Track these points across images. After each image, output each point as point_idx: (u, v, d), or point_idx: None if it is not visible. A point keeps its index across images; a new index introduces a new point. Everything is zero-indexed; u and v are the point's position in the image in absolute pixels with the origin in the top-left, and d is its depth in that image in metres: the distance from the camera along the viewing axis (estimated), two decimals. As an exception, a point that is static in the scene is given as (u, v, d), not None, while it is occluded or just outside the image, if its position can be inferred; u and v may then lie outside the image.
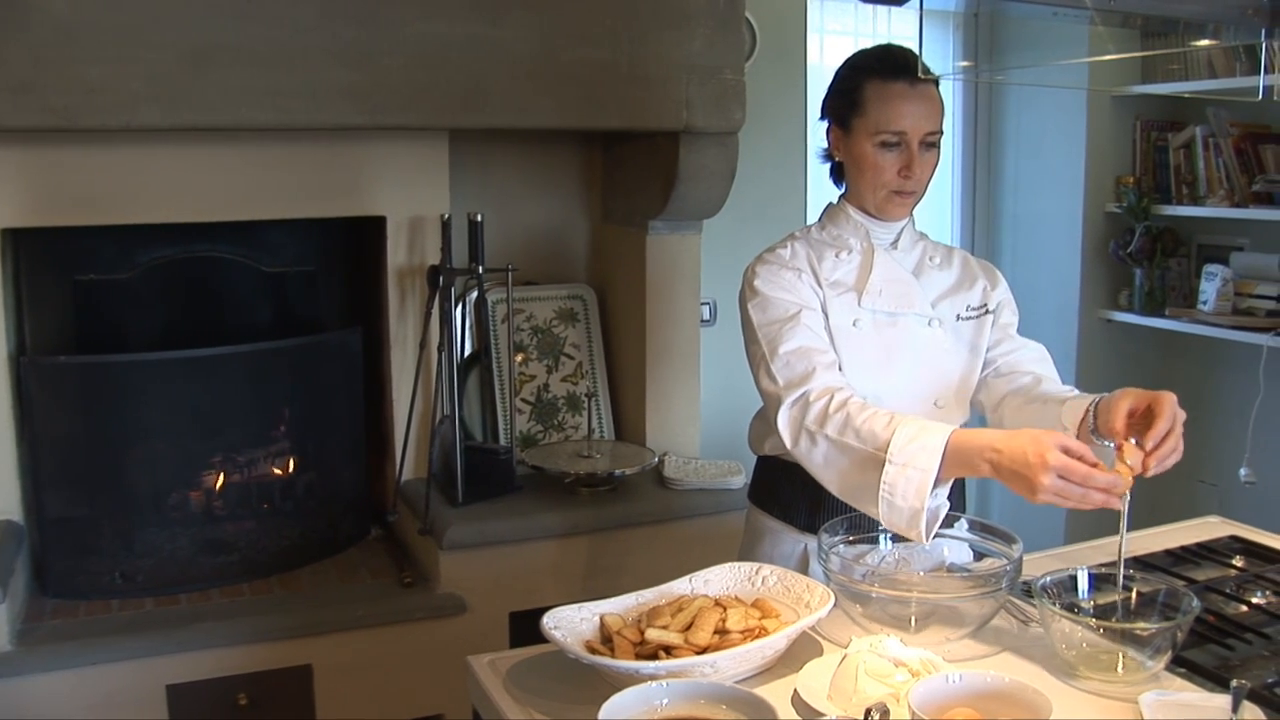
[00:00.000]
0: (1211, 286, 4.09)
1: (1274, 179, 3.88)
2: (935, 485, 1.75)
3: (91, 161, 2.84)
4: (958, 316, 2.14)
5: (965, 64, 4.53)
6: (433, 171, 3.27)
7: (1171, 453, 1.75)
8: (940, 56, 4.51)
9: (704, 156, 3.24)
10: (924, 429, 1.79)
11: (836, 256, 2.12)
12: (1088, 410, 1.91)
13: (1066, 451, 1.63)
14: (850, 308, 2.08)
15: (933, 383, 2.11)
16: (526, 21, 3.00)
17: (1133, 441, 1.75)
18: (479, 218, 3.15)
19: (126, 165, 2.88)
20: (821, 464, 1.90)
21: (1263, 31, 2.07)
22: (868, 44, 2.23)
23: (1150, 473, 1.74)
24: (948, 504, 1.81)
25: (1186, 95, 4.13)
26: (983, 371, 2.16)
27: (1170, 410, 1.76)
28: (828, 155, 2.19)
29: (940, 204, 4.71)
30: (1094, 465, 1.64)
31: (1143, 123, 4.38)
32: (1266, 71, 2.67)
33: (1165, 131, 4.33)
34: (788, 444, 1.94)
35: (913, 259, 2.17)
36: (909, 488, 1.75)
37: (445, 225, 3.17)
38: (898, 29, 4.33)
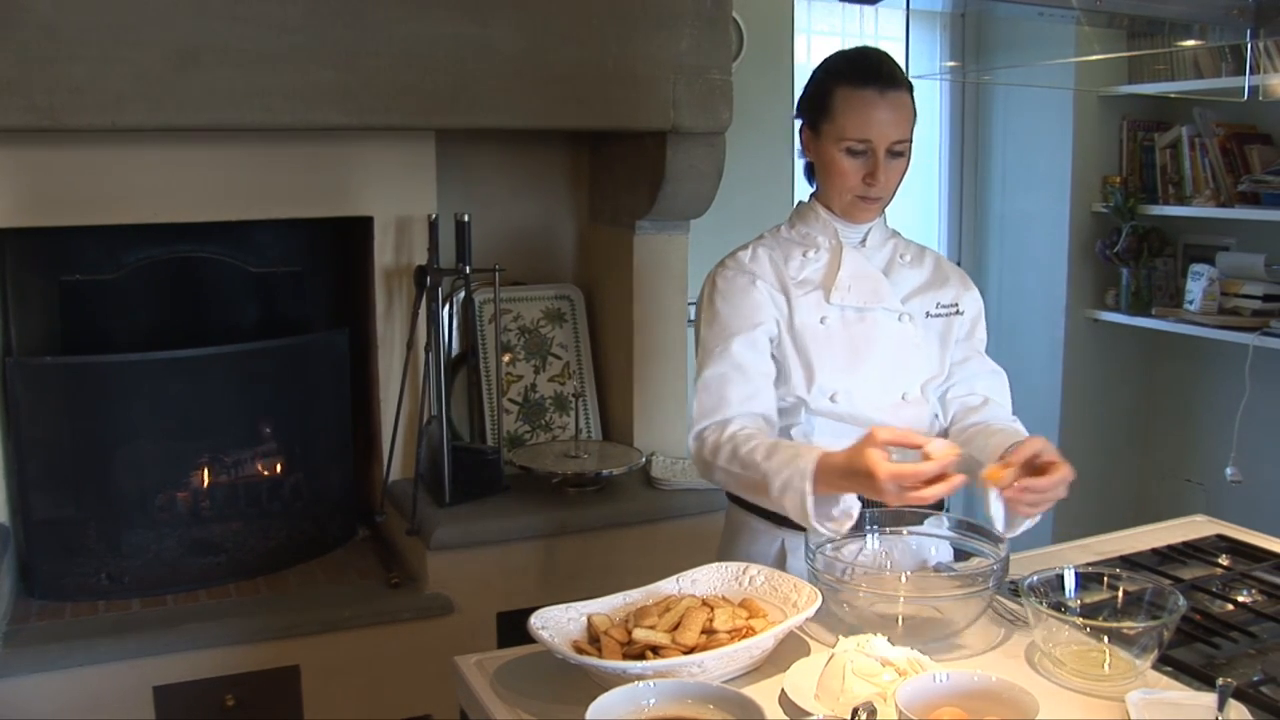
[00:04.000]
0: (1198, 286, 4.10)
1: (1260, 179, 3.89)
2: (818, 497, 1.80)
3: (77, 161, 2.83)
4: (927, 313, 2.15)
5: (952, 64, 4.54)
6: (419, 172, 3.26)
7: (1030, 505, 1.78)
8: (927, 56, 4.52)
9: (691, 156, 3.24)
10: (795, 456, 1.84)
11: (804, 255, 2.13)
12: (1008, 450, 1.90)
13: (887, 443, 1.70)
14: (817, 305, 2.09)
15: (901, 377, 2.12)
16: (513, 21, 3.00)
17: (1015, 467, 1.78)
18: (466, 218, 3.14)
19: (112, 165, 2.87)
20: (725, 484, 2.06)
21: (1248, 32, 2.08)
22: (854, 44, 2.24)
23: (1004, 491, 1.78)
24: (858, 503, 1.81)
25: (1173, 95, 4.14)
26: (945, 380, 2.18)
27: (1063, 477, 1.77)
28: (803, 153, 2.20)
29: (927, 204, 4.71)
30: (918, 446, 1.71)
31: (1129, 123, 4.40)
32: (1252, 71, 2.68)
33: (1151, 131, 4.34)
34: (698, 469, 2.09)
35: (883, 256, 2.17)
36: (795, 509, 1.81)
37: (432, 225, 3.16)
38: (885, 29, 4.33)
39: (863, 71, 2.02)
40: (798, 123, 2.18)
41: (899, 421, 2.07)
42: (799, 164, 2.24)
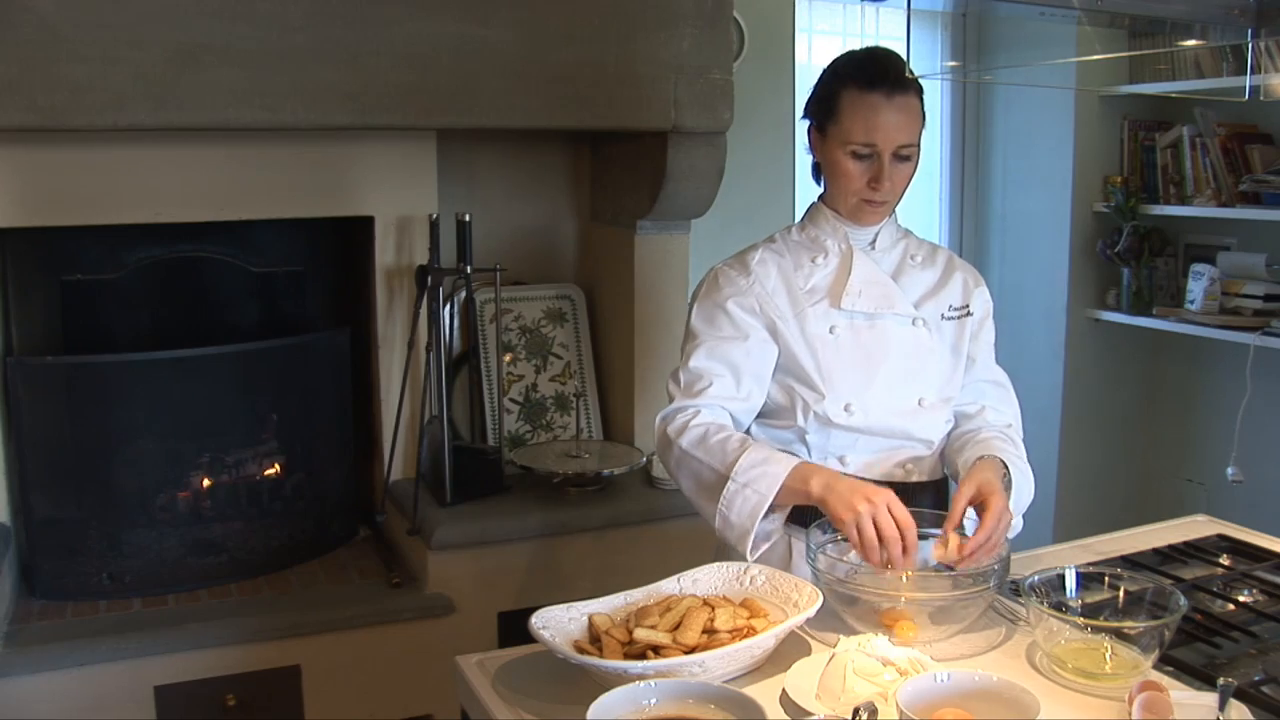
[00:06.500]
0: (1199, 286, 4.10)
1: (1261, 179, 3.89)
2: (771, 512, 1.90)
3: (78, 161, 2.83)
4: (942, 316, 2.13)
5: (953, 64, 4.54)
6: (421, 171, 3.26)
7: (986, 554, 1.80)
8: (928, 56, 4.52)
9: (692, 156, 3.24)
10: (771, 457, 1.92)
11: (813, 262, 2.11)
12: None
13: (891, 505, 1.77)
14: (826, 314, 2.07)
15: (916, 383, 2.10)
16: (515, 21, 3.00)
17: (957, 534, 1.83)
18: (467, 217, 3.14)
19: (113, 165, 2.87)
20: (674, 469, 2.04)
21: (1249, 32, 2.08)
22: (856, 44, 2.23)
23: (960, 568, 1.80)
24: (780, 533, 1.99)
25: (1174, 95, 4.14)
26: None
27: (995, 516, 1.81)
28: (810, 153, 2.18)
29: (929, 204, 4.71)
30: (902, 535, 1.76)
31: (1130, 122, 4.39)
32: (1253, 71, 2.68)
33: (1153, 131, 4.34)
34: (656, 444, 2.08)
35: (893, 259, 2.15)
36: (745, 507, 1.90)
37: (433, 225, 3.16)
38: (886, 29, 4.33)
39: (870, 74, 2.00)
40: (805, 123, 2.15)
41: (917, 428, 2.08)
42: (800, 164, 2.24)
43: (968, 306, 2.17)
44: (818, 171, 2.18)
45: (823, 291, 2.09)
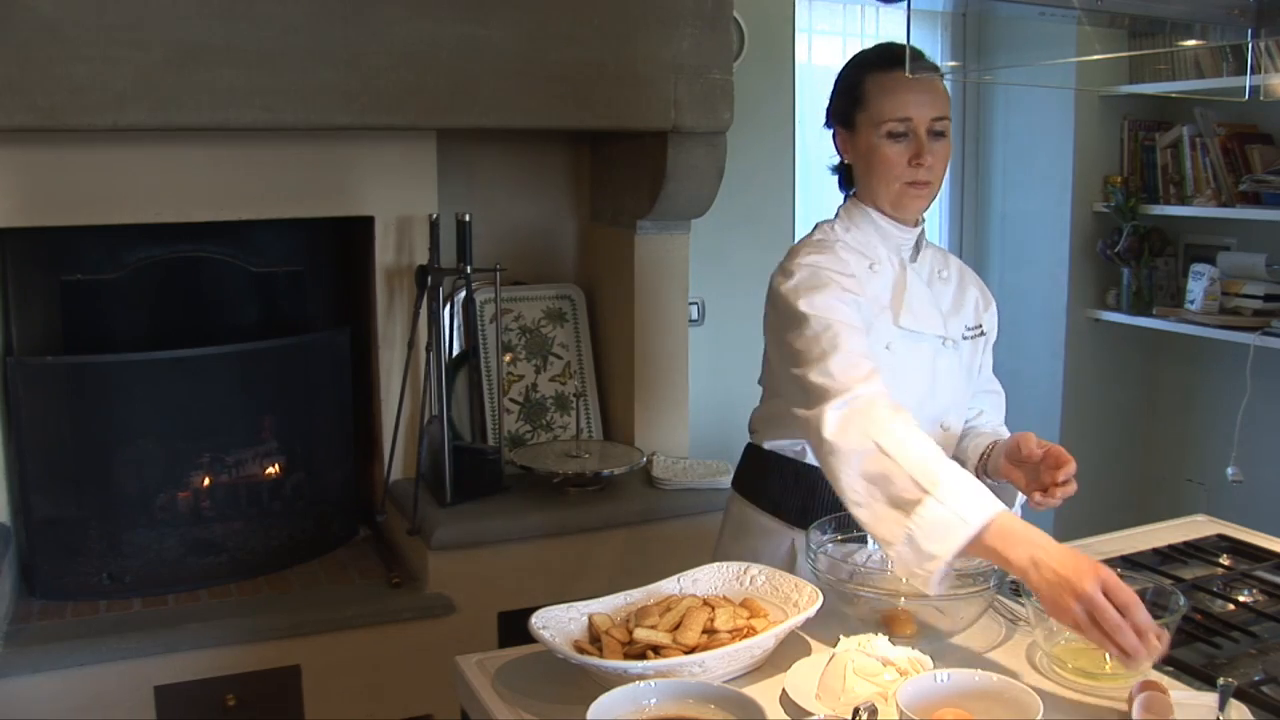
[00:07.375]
0: (1199, 286, 4.10)
1: (1261, 179, 3.89)
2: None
3: (78, 161, 2.83)
4: (963, 335, 2.11)
5: (953, 64, 4.54)
6: (420, 171, 3.26)
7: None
8: (928, 56, 4.51)
9: (692, 156, 3.24)
10: (979, 487, 1.62)
11: (870, 269, 2.04)
12: (985, 451, 2.07)
13: (1106, 586, 1.47)
14: (885, 328, 2.01)
15: (942, 404, 2.08)
16: (514, 21, 3.00)
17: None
18: (467, 217, 3.14)
19: (113, 165, 2.87)
20: (856, 465, 1.70)
21: (1249, 32, 2.07)
22: (856, 44, 2.22)
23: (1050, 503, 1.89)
24: (951, 574, 1.63)
25: (1174, 95, 4.14)
26: None
27: (1071, 460, 1.88)
28: (836, 167, 2.14)
29: (928, 203, 4.71)
30: (1128, 604, 1.47)
31: (1130, 122, 4.40)
32: (1253, 71, 2.68)
33: (1153, 131, 4.34)
34: (828, 434, 1.73)
35: (925, 272, 2.11)
36: (945, 535, 1.57)
37: (433, 225, 3.16)
38: (886, 29, 4.33)
39: (890, 57, 2.00)
40: (828, 132, 2.12)
41: None
42: (800, 165, 2.22)
43: (980, 326, 2.16)
44: (846, 176, 2.14)
45: (882, 303, 2.03)
